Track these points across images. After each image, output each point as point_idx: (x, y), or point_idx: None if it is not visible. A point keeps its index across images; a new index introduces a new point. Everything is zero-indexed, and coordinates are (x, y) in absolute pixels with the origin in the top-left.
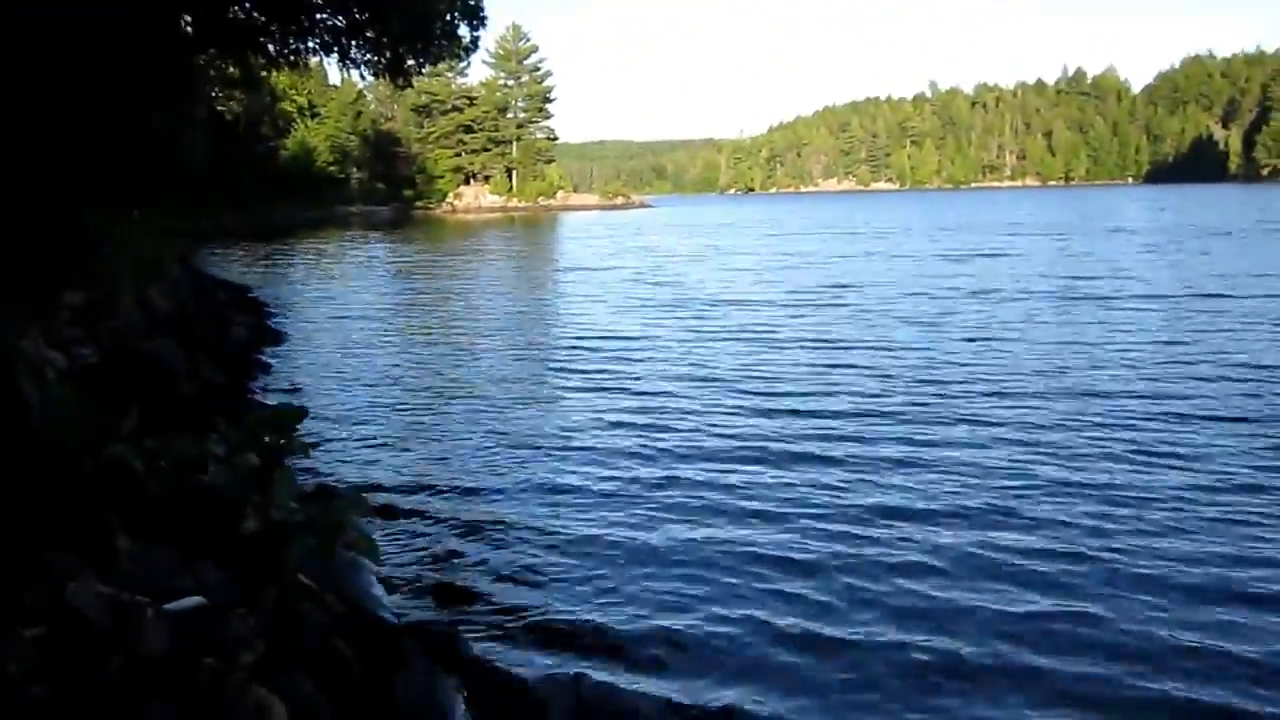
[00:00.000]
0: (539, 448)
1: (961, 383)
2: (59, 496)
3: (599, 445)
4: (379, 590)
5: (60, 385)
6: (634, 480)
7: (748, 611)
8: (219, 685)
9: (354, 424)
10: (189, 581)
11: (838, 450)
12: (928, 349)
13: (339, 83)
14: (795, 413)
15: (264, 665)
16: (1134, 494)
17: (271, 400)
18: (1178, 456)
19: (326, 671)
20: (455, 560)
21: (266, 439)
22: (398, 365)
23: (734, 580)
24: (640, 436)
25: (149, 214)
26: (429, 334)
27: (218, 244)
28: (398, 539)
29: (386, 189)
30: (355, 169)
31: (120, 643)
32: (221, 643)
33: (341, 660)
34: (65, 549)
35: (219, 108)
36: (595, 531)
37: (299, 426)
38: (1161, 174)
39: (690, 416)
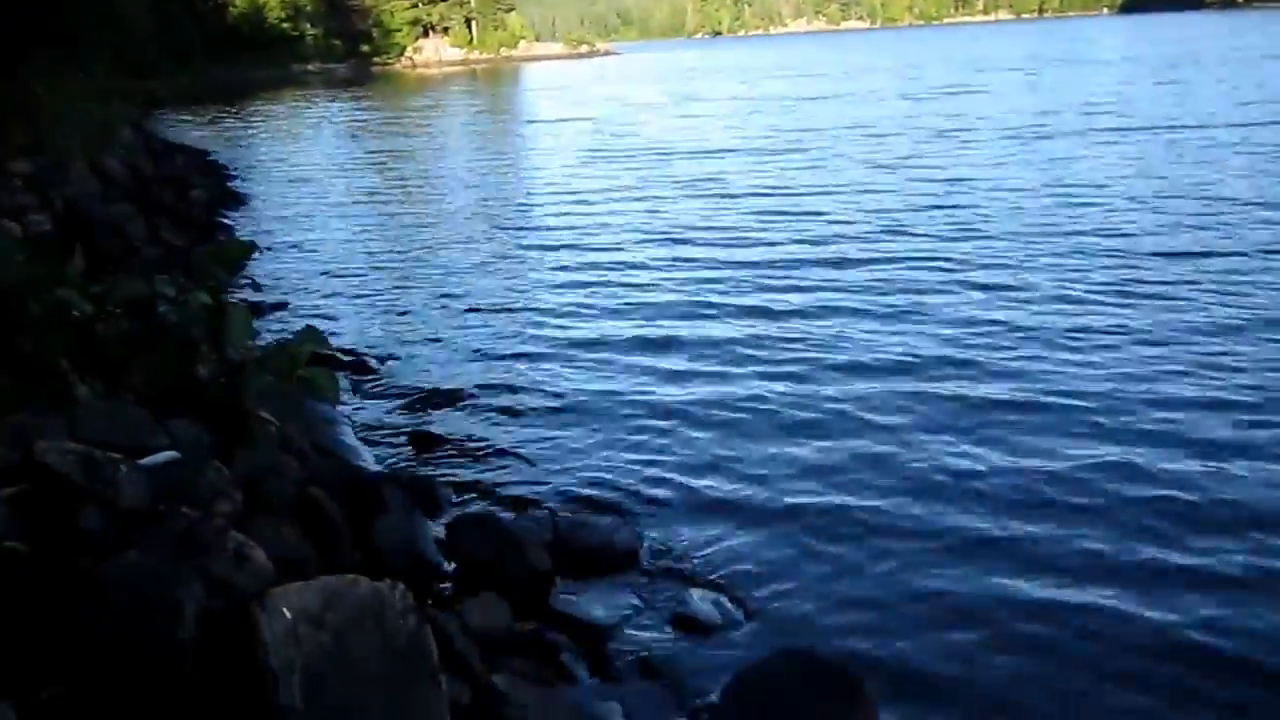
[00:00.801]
0: (499, 308)
1: (929, 226)
2: (5, 343)
3: (558, 303)
4: (355, 442)
5: None
6: (596, 337)
7: (712, 462)
8: (196, 534)
9: (319, 284)
10: (162, 438)
11: (801, 300)
12: (894, 193)
13: None
14: (758, 265)
15: (243, 515)
16: (1108, 338)
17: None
18: (1152, 295)
19: (307, 519)
20: (426, 413)
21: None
22: (360, 225)
23: (698, 433)
24: (600, 294)
25: (94, 78)
26: (390, 193)
27: (170, 108)
28: (368, 394)
29: (343, 45)
30: (309, 25)
31: (94, 497)
32: (197, 494)
33: (320, 508)
34: (22, 399)
35: None
36: (559, 386)
37: (248, 262)
38: (1137, 2)
39: (650, 271)
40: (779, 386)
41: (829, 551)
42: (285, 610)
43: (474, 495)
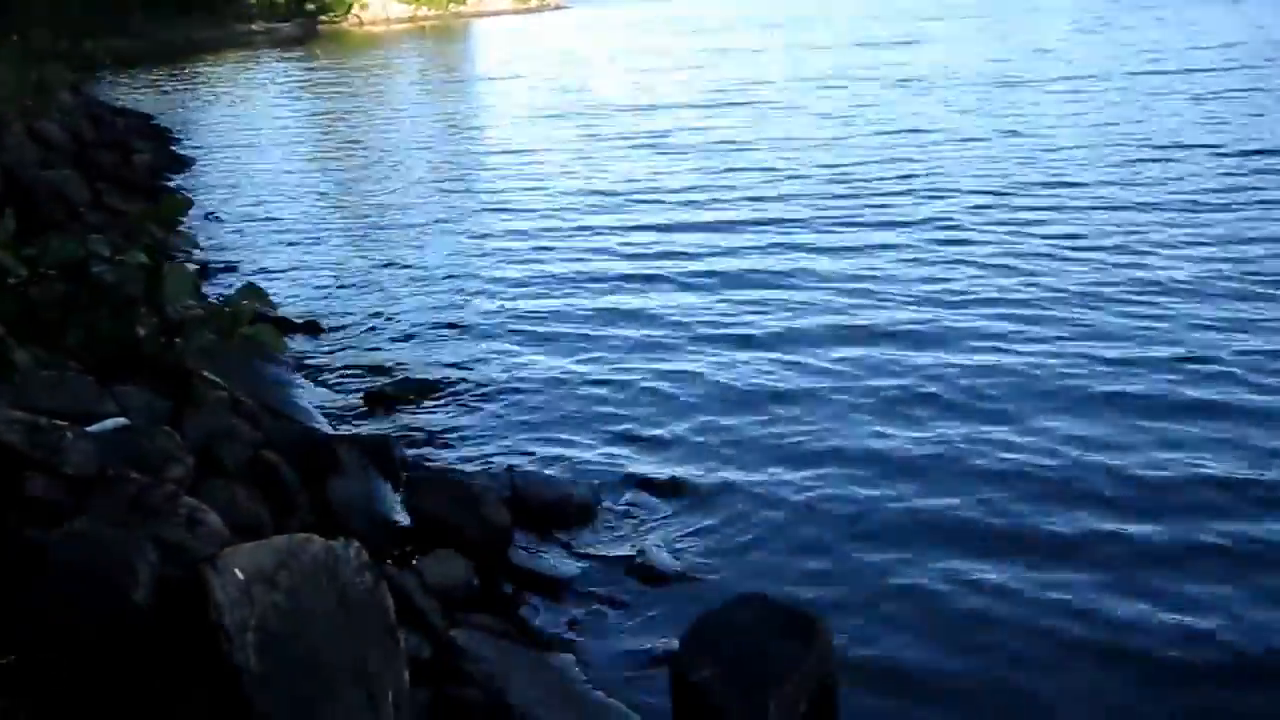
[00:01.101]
0: (451, 272)
1: (884, 183)
2: None
3: (510, 266)
4: (307, 403)
5: None
6: (547, 301)
7: (666, 428)
8: (146, 499)
9: (266, 248)
10: (110, 404)
11: (752, 264)
12: (850, 147)
13: None
14: (711, 226)
15: (195, 479)
16: (1067, 298)
17: (182, 227)
18: (1102, 248)
19: (261, 482)
20: (379, 376)
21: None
22: (307, 188)
23: (652, 400)
24: (550, 257)
25: (30, 39)
26: (338, 156)
27: (110, 71)
28: (319, 357)
29: (287, 3)
30: None
31: (40, 465)
32: (148, 459)
33: (275, 470)
34: None
35: None
36: (513, 351)
37: (184, 218)
38: None
39: (601, 235)
40: (736, 355)
41: (786, 519)
42: (237, 570)
43: (430, 454)
